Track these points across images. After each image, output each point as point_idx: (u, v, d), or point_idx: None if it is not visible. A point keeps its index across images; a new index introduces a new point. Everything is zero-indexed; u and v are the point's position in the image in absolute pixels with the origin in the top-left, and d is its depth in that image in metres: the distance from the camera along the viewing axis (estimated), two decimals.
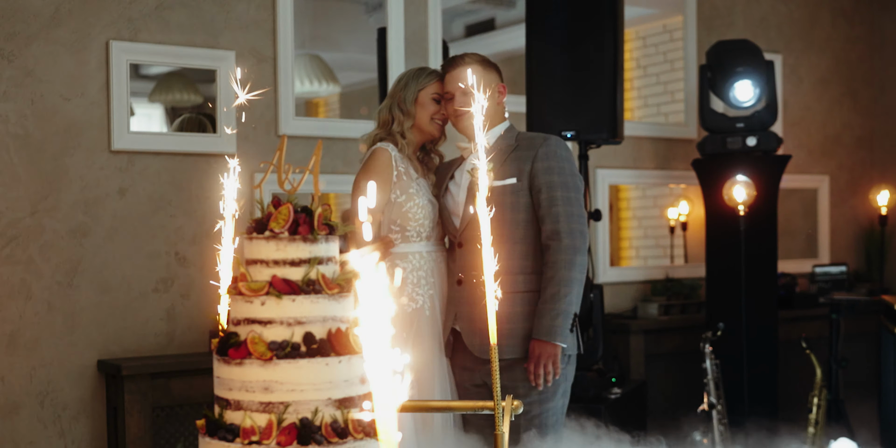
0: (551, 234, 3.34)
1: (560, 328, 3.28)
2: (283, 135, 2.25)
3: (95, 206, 4.31)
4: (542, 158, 3.38)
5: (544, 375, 3.29)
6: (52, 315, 4.22)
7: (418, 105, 3.53)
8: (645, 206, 6.86)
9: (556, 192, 3.35)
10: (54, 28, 4.24)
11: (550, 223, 3.34)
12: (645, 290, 6.06)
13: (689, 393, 5.57)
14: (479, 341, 3.41)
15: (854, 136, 7.08)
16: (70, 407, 4.24)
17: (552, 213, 3.34)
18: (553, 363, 3.29)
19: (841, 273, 6.60)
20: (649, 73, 6.70)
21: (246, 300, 2.09)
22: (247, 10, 4.68)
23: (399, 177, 3.46)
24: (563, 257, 3.31)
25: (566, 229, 3.33)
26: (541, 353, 3.28)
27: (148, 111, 5.10)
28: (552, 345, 3.29)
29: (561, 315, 3.28)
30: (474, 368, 3.46)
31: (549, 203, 3.35)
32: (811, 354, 5.35)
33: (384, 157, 3.45)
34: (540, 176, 3.37)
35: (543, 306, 3.30)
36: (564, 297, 3.28)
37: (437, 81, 3.54)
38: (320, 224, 2.14)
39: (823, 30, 6.93)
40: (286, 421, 2.02)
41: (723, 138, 5.56)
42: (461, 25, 7.31)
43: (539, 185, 3.37)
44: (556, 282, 3.29)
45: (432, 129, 3.55)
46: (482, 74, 3.47)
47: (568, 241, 3.32)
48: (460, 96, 3.44)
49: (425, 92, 3.53)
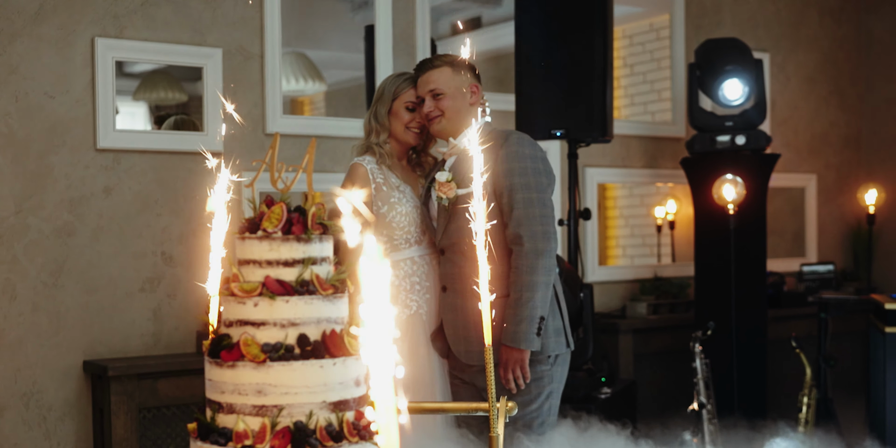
0: (513, 238, 3.30)
1: (525, 333, 3.25)
2: (277, 133, 2.21)
3: (81, 205, 4.26)
4: (503, 161, 3.32)
5: (514, 380, 3.29)
6: (37, 315, 4.16)
7: (392, 115, 3.53)
8: (632, 205, 6.84)
9: (516, 195, 3.30)
10: (39, 24, 4.19)
11: (512, 227, 3.30)
12: (633, 289, 6.04)
13: (678, 392, 5.56)
14: (464, 348, 3.42)
15: (841, 135, 7.09)
16: (55, 408, 4.19)
17: (513, 217, 3.30)
18: (521, 367, 3.28)
19: (828, 272, 6.61)
20: (636, 71, 6.68)
21: (238, 301, 2.05)
22: (234, 7, 4.63)
23: (378, 189, 3.47)
24: (524, 262, 3.27)
25: (527, 233, 3.28)
26: (508, 359, 3.28)
27: (132, 109, 5.04)
28: (518, 350, 3.27)
29: (525, 320, 3.25)
30: (463, 369, 3.47)
31: (508, 207, 3.31)
32: (801, 354, 5.34)
33: (359, 172, 3.48)
34: (500, 179, 3.32)
35: (508, 311, 3.27)
36: (528, 302, 3.25)
37: (412, 88, 3.53)
38: (314, 224, 2.11)
39: (811, 29, 6.93)
40: (280, 424, 1.98)
41: (712, 137, 5.55)
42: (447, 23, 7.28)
43: (500, 190, 3.33)
44: (519, 287, 3.26)
45: (408, 137, 3.54)
46: (451, 77, 3.43)
47: (529, 245, 3.27)
48: (429, 100, 3.43)
49: (399, 101, 3.52)
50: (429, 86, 3.42)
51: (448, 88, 3.42)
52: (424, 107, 3.44)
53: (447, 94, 3.42)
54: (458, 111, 3.43)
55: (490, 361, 2.45)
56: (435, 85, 3.41)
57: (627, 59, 6.69)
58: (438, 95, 3.41)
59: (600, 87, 4.66)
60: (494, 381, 3.19)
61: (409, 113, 3.51)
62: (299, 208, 2.12)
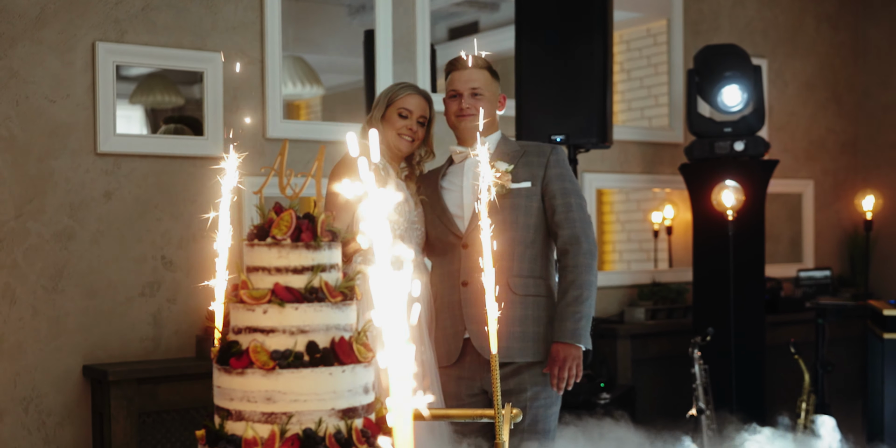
0: (570, 238, 3.38)
1: (584, 330, 3.31)
2: (286, 140, 2.21)
3: (81, 209, 4.25)
4: (554, 165, 3.44)
5: (567, 379, 3.30)
6: (37, 320, 4.16)
7: (385, 121, 3.50)
8: (628, 210, 6.85)
9: (571, 199, 3.41)
10: (40, 29, 4.18)
11: (569, 228, 3.39)
12: (631, 295, 6.05)
13: (676, 397, 5.57)
14: (485, 343, 3.35)
15: (838, 141, 7.11)
16: (55, 413, 4.18)
17: (570, 218, 3.39)
18: (577, 365, 3.31)
19: (825, 277, 6.62)
20: (633, 77, 6.70)
21: (247, 308, 2.05)
22: (234, 12, 4.63)
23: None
24: (583, 261, 3.35)
25: (584, 234, 3.38)
26: (566, 356, 3.29)
27: (128, 113, 5.04)
28: (576, 347, 3.30)
29: (584, 318, 3.32)
30: (475, 377, 3.42)
31: (565, 208, 3.40)
32: (800, 360, 5.35)
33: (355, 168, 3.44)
34: (554, 182, 3.42)
35: (567, 309, 3.31)
36: (586, 301, 3.33)
37: (409, 96, 3.51)
38: (323, 231, 2.11)
39: (808, 35, 6.95)
40: (289, 432, 1.98)
41: (710, 143, 5.56)
42: (444, 28, 7.29)
43: (554, 191, 3.42)
44: (579, 285, 3.33)
45: (399, 144, 3.50)
46: (491, 81, 3.51)
47: (587, 246, 3.37)
48: (469, 97, 3.45)
49: (393, 107, 3.50)
50: (471, 83, 3.45)
51: (487, 91, 3.47)
52: (462, 102, 3.45)
53: (485, 97, 3.46)
54: (489, 115, 3.48)
55: (496, 368, 2.45)
56: (478, 84, 3.45)
57: (624, 64, 6.71)
58: (477, 95, 3.45)
59: (600, 92, 4.67)
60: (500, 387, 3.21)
61: (401, 120, 3.49)
62: (308, 215, 2.12)
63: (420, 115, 3.52)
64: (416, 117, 3.51)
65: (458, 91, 3.47)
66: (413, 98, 3.52)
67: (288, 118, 5.69)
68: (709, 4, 6.45)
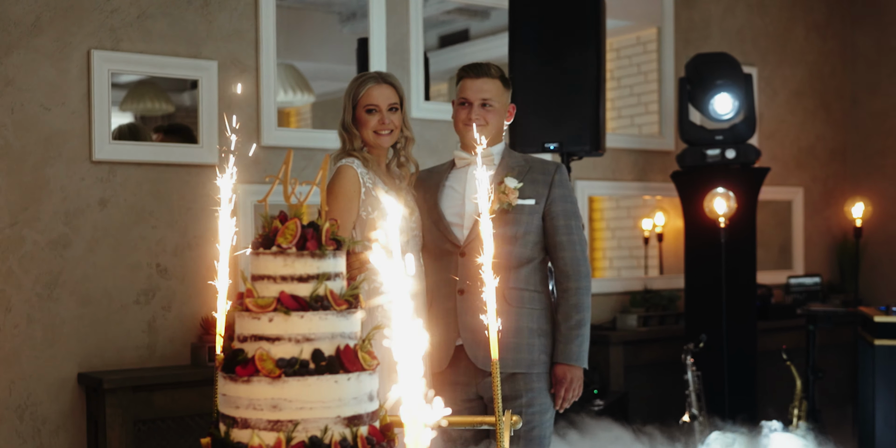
0: (572, 261, 3.42)
1: (585, 353, 3.42)
2: (290, 149, 2.22)
3: (76, 217, 4.25)
4: (559, 185, 3.46)
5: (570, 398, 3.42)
6: (32, 327, 4.15)
7: (357, 122, 3.42)
8: (618, 217, 6.88)
9: (572, 221, 3.45)
10: (35, 36, 4.19)
11: (570, 251, 3.43)
12: (623, 302, 6.07)
13: (668, 404, 5.59)
14: (483, 353, 3.38)
15: (827, 149, 7.16)
16: (50, 421, 4.18)
17: (571, 241, 3.43)
18: (579, 386, 3.42)
19: (815, 284, 6.66)
20: (623, 84, 6.73)
21: (253, 316, 2.06)
22: (229, 21, 4.64)
23: (367, 193, 3.35)
24: (584, 284, 3.42)
25: (584, 258, 3.44)
26: (572, 378, 3.39)
27: (118, 120, 5.05)
28: (579, 368, 3.41)
29: (586, 340, 3.42)
30: (470, 382, 3.43)
31: (567, 230, 3.44)
32: (791, 366, 5.38)
33: (349, 174, 3.34)
34: (558, 203, 3.45)
35: (570, 332, 3.39)
36: (586, 324, 3.41)
37: (370, 90, 3.40)
38: (328, 239, 2.12)
39: (797, 43, 7.00)
40: (295, 439, 1.99)
41: (702, 151, 5.59)
42: (434, 36, 7.31)
43: (556, 212, 3.44)
44: (580, 308, 3.40)
45: (380, 141, 3.42)
46: (503, 92, 3.49)
47: (585, 270, 3.44)
48: (478, 108, 3.43)
49: (360, 106, 3.40)
50: (483, 94, 3.43)
51: (497, 102, 3.45)
52: (471, 112, 3.43)
53: (495, 108, 3.45)
54: (497, 126, 3.47)
55: (497, 375, 2.47)
56: (489, 95, 3.43)
57: (615, 71, 6.74)
58: (487, 105, 3.42)
59: (593, 101, 4.70)
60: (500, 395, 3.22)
61: (371, 116, 3.39)
62: (313, 224, 2.13)
63: (389, 104, 3.41)
64: (386, 108, 3.40)
65: (469, 100, 3.44)
66: (375, 90, 3.40)
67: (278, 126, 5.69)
68: (699, 13, 6.49)
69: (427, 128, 5.20)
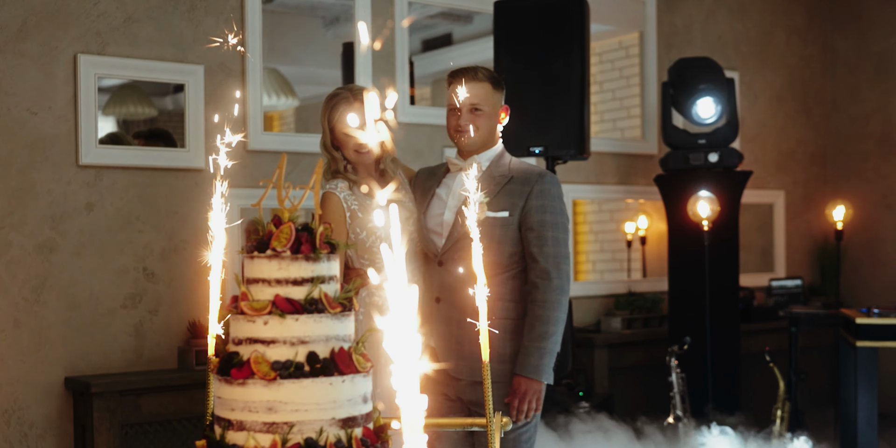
0: (541, 273, 3.32)
1: (547, 367, 3.29)
2: (284, 153, 2.24)
3: (63, 221, 4.25)
4: (537, 196, 3.35)
5: (527, 411, 3.30)
6: (19, 332, 4.15)
7: (337, 143, 3.44)
8: (601, 221, 6.92)
9: (548, 233, 3.33)
10: (21, 41, 4.19)
11: (542, 262, 3.32)
12: (607, 304, 6.11)
13: (653, 406, 5.63)
14: (455, 361, 3.39)
15: (808, 152, 7.22)
16: (37, 425, 4.18)
17: (543, 253, 3.32)
18: (537, 399, 3.31)
19: (796, 286, 6.72)
20: (605, 88, 6.77)
21: (248, 320, 2.08)
22: (215, 25, 4.66)
23: (353, 216, 3.39)
24: (551, 297, 3.30)
25: (556, 270, 3.32)
26: (527, 390, 3.29)
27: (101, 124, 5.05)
28: (538, 382, 3.30)
29: (548, 354, 3.29)
30: (448, 383, 3.44)
31: (539, 242, 3.33)
32: (774, 368, 5.43)
33: (333, 201, 3.39)
34: (533, 214, 3.34)
35: (531, 344, 3.29)
36: (551, 337, 3.29)
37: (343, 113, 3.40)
38: (322, 243, 2.14)
39: (778, 48, 7.06)
40: (291, 441, 2.00)
41: (685, 154, 5.64)
42: (417, 40, 7.34)
43: (531, 224, 3.34)
44: (545, 321, 3.29)
45: (360, 159, 3.44)
46: (493, 94, 3.42)
47: (557, 282, 3.31)
48: (466, 114, 3.38)
49: (337, 130, 3.41)
50: (471, 99, 3.36)
51: (487, 106, 3.38)
52: (459, 118, 3.38)
53: (485, 112, 3.38)
54: (489, 130, 3.41)
55: (488, 377, 2.48)
56: (477, 100, 3.37)
57: (597, 76, 6.78)
58: (477, 110, 3.37)
59: (578, 105, 4.73)
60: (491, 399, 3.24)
61: (349, 138, 3.40)
62: (307, 227, 2.15)
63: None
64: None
65: (458, 106, 3.38)
66: (349, 113, 3.40)
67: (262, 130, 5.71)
68: (681, 18, 6.54)
69: (412, 132, 5.22)
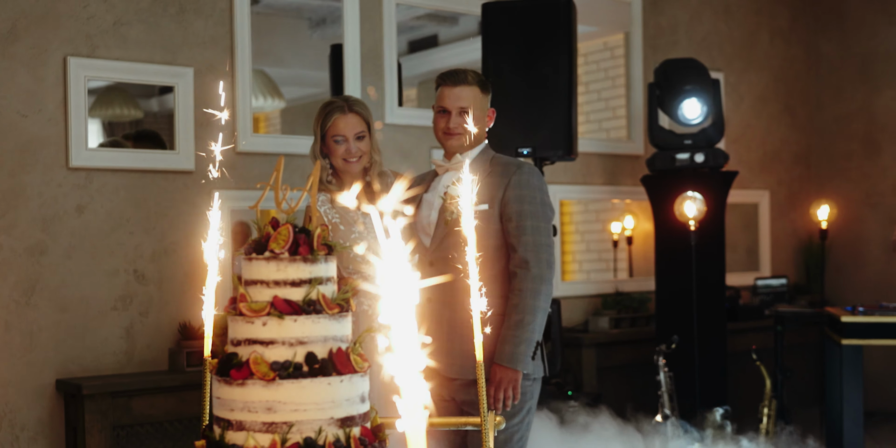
0: (520, 262, 3.34)
1: (523, 355, 3.29)
2: (281, 156, 2.26)
3: (53, 223, 4.26)
4: (515, 186, 3.38)
5: (504, 400, 3.31)
6: (10, 334, 4.15)
7: (327, 150, 3.54)
8: (587, 221, 6.96)
9: (526, 222, 3.35)
10: (11, 44, 4.19)
11: (520, 252, 3.34)
12: (595, 304, 6.15)
13: (641, 405, 5.66)
14: (447, 361, 3.40)
15: (792, 152, 7.28)
16: (28, 427, 4.18)
17: (522, 242, 3.34)
18: (514, 388, 3.30)
19: (782, 285, 6.77)
20: (591, 89, 6.81)
21: (247, 321, 2.10)
22: (204, 27, 4.67)
23: (335, 229, 3.47)
24: (529, 286, 3.31)
25: (534, 258, 3.33)
26: (502, 378, 3.29)
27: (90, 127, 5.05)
28: (513, 370, 3.30)
29: (524, 343, 3.29)
30: (441, 383, 3.45)
31: (518, 232, 3.35)
32: (761, 366, 5.48)
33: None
34: (511, 204, 3.37)
35: (508, 332, 3.30)
36: (528, 325, 3.29)
37: (336, 121, 3.51)
38: (319, 244, 2.17)
39: (762, 49, 7.11)
40: (290, 441, 2.03)
41: (671, 155, 5.68)
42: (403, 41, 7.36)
43: (510, 214, 3.37)
44: (521, 309, 3.30)
45: (348, 168, 3.53)
46: (481, 97, 3.48)
47: (536, 271, 3.32)
48: (455, 116, 3.42)
49: (328, 136, 3.51)
50: (460, 102, 3.42)
51: (476, 109, 3.44)
52: (449, 121, 3.43)
53: (473, 115, 3.43)
54: (477, 132, 3.46)
55: (482, 376, 2.51)
56: (466, 103, 3.42)
57: (583, 77, 6.81)
58: (465, 113, 3.41)
59: (566, 106, 4.76)
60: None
61: (339, 146, 3.50)
62: (304, 229, 2.17)
63: (355, 133, 3.52)
64: (353, 137, 3.52)
65: (447, 108, 3.44)
66: (341, 121, 3.51)
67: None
68: (667, 19, 6.58)
69: (400, 133, 5.25)
